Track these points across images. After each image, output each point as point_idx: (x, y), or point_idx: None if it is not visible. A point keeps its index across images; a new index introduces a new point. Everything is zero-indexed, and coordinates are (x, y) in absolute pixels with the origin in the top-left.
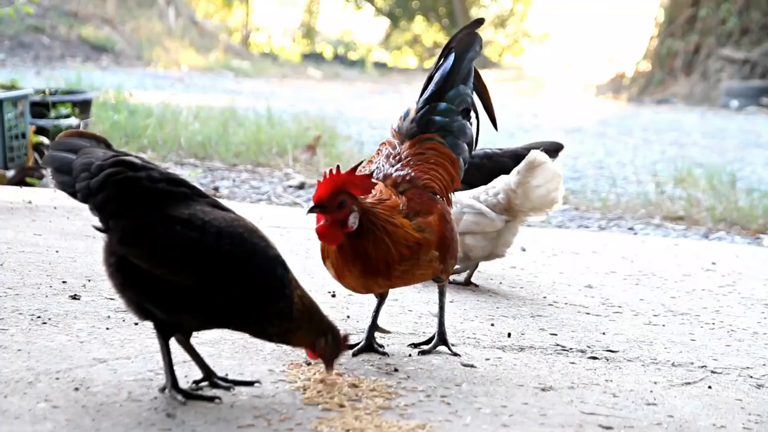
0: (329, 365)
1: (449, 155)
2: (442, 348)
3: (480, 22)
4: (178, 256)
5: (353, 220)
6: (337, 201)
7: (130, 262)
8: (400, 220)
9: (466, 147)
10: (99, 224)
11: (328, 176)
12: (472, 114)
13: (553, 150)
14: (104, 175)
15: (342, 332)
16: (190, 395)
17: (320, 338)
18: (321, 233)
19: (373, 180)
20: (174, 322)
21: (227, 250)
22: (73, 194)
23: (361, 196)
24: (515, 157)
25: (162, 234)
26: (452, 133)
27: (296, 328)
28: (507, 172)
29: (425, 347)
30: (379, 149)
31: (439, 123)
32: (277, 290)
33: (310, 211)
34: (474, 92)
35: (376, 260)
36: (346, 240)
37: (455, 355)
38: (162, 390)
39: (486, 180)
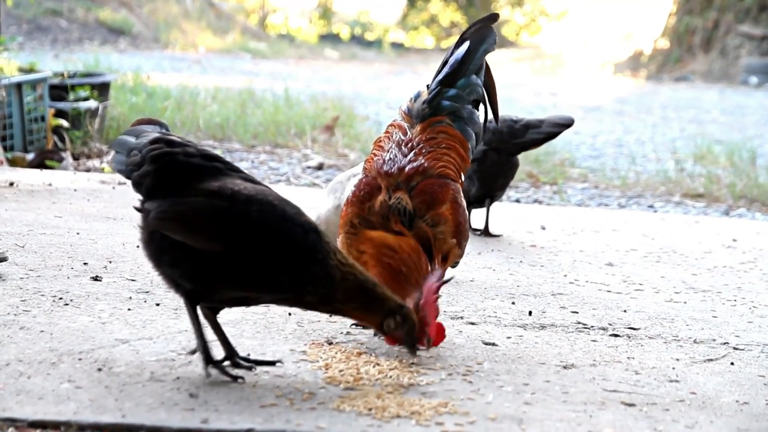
0: (409, 349)
1: (459, 137)
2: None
3: (495, 17)
4: (209, 224)
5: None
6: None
7: (163, 236)
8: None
9: (473, 136)
10: (138, 204)
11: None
12: (481, 107)
13: (564, 125)
14: (145, 150)
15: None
16: (218, 365)
17: (388, 318)
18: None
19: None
20: (207, 295)
21: (256, 216)
22: (122, 171)
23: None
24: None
25: (193, 205)
26: (462, 119)
27: (344, 299)
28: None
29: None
30: (387, 132)
31: (449, 108)
32: (309, 255)
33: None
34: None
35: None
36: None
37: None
38: (192, 352)
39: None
